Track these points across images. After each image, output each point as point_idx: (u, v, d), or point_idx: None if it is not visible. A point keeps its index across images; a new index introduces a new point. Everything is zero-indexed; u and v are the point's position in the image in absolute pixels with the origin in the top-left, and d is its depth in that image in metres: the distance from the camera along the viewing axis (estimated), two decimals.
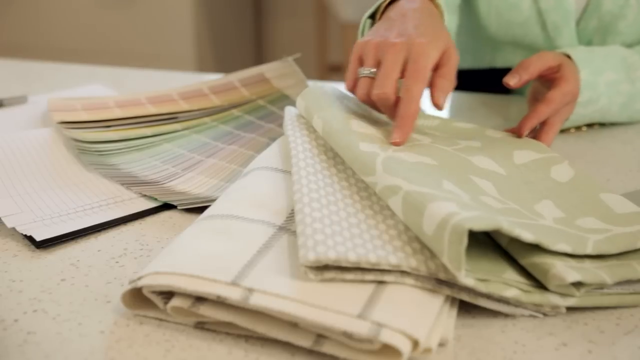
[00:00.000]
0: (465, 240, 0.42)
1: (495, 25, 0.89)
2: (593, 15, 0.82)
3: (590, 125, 0.80)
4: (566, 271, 0.45)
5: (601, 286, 0.46)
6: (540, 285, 0.46)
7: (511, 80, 0.68)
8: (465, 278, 0.43)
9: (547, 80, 0.73)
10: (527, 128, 0.68)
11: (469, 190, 0.52)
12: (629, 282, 0.48)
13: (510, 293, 0.45)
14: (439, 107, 0.60)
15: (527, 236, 0.45)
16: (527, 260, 0.46)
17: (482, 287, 0.44)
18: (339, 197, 0.52)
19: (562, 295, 0.45)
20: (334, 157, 0.59)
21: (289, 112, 0.67)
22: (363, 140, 0.57)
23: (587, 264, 0.47)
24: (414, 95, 0.58)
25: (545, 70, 0.71)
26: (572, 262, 0.46)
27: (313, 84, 0.68)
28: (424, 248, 0.46)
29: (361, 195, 0.53)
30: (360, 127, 0.59)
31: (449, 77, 0.61)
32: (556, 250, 0.46)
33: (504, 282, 0.45)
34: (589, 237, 0.49)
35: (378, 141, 0.58)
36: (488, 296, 0.45)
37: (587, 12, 0.82)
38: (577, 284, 0.45)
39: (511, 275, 0.46)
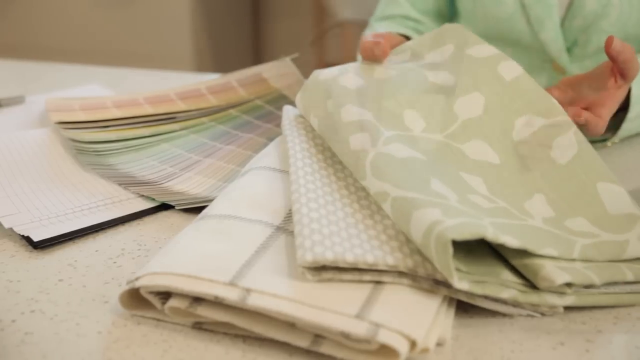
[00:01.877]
0: (450, 250, 0.42)
1: (482, 22, 0.91)
2: (577, 15, 0.84)
3: None
4: (556, 272, 0.44)
5: (590, 286, 0.46)
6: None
7: (616, 43, 0.63)
8: (460, 282, 0.43)
9: (600, 79, 0.69)
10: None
11: (457, 189, 0.51)
12: (617, 283, 0.47)
13: (507, 294, 0.44)
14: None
15: (513, 242, 0.44)
16: (517, 261, 0.46)
17: (478, 290, 0.43)
18: (336, 197, 0.52)
19: (560, 294, 0.45)
20: (331, 157, 0.59)
21: (287, 111, 0.67)
22: (354, 132, 0.55)
23: (577, 263, 0.47)
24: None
25: (624, 65, 0.65)
26: (563, 262, 0.46)
27: (313, 74, 0.67)
28: None
29: (359, 195, 0.53)
30: (353, 113, 0.58)
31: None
32: (542, 254, 0.46)
33: (501, 284, 0.45)
34: (576, 240, 0.48)
35: (370, 128, 0.56)
36: (485, 296, 0.45)
37: (571, 11, 0.84)
38: (568, 283, 0.45)
39: (508, 275, 0.46)
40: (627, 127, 0.74)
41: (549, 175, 0.55)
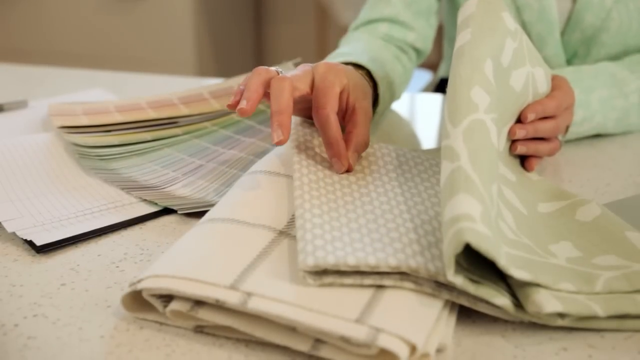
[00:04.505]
0: (460, 249, 0.42)
1: None
2: (576, 28, 0.83)
3: None
4: (547, 300, 0.43)
5: (591, 318, 0.45)
6: None
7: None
8: (454, 277, 0.42)
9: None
10: (530, 113, 0.64)
11: (494, 208, 0.50)
12: (628, 316, 0.45)
13: (501, 301, 0.44)
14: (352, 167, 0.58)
15: (523, 275, 0.43)
16: (514, 280, 0.45)
17: (470, 289, 0.43)
18: (340, 203, 0.52)
19: (561, 316, 0.44)
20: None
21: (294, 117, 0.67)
22: (479, 85, 0.54)
23: (581, 295, 0.45)
24: (283, 86, 0.56)
25: None
26: (563, 292, 0.45)
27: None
28: (424, 250, 0.46)
29: (363, 200, 0.53)
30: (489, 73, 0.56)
31: (361, 139, 0.60)
32: (558, 289, 0.45)
33: (496, 289, 0.44)
34: (601, 274, 0.47)
35: (492, 92, 0.54)
36: (487, 301, 0.45)
37: (570, 24, 0.83)
38: (562, 312, 0.44)
39: (504, 286, 0.45)
40: (575, 131, 0.75)
41: (574, 230, 0.54)
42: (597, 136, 0.79)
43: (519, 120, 0.65)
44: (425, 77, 2.04)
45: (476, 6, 0.60)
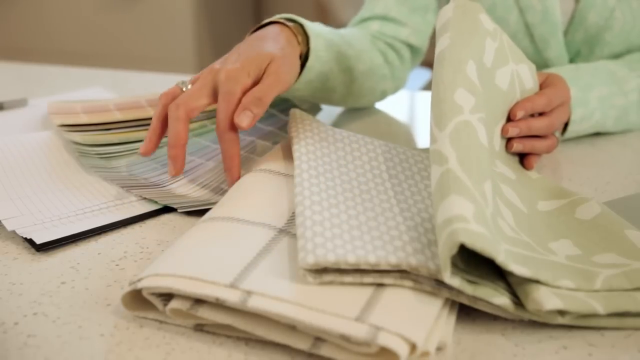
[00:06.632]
0: (455, 249, 0.42)
1: None
2: (579, 28, 0.83)
3: None
4: (547, 297, 0.43)
5: (591, 316, 0.45)
6: None
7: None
8: (451, 278, 0.43)
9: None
10: (519, 111, 0.64)
11: (493, 206, 0.50)
12: (628, 314, 0.45)
13: (500, 301, 0.44)
14: (239, 126, 0.58)
15: (523, 272, 0.43)
16: (514, 279, 0.45)
17: (468, 290, 0.43)
18: (340, 199, 0.52)
19: (561, 314, 0.45)
20: (337, 160, 0.59)
21: (294, 114, 0.67)
22: (463, 87, 0.54)
23: (580, 292, 0.45)
24: (221, 116, 0.59)
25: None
26: (563, 289, 0.45)
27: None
28: (424, 248, 0.46)
29: (363, 198, 0.53)
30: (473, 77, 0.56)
31: (255, 94, 0.59)
32: (557, 286, 0.45)
33: (494, 289, 0.44)
34: (600, 272, 0.47)
35: (477, 93, 0.54)
36: (487, 300, 0.45)
37: (573, 24, 0.83)
38: (562, 310, 0.44)
39: (503, 285, 0.45)
40: (574, 129, 0.74)
41: (574, 228, 0.55)
42: (597, 134, 0.79)
43: (509, 119, 0.65)
44: (425, 75, 2.04)
45: (453, 11, 0.60)
